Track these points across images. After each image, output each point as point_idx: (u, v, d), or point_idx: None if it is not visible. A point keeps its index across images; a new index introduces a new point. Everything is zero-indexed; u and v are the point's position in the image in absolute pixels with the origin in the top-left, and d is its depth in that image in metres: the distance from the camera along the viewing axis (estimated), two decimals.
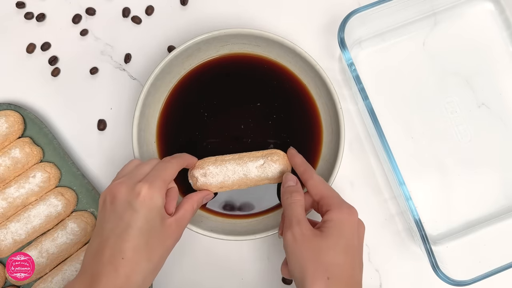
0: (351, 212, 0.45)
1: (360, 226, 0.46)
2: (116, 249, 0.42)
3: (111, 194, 0.44)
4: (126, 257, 0.41)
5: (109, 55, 0.60)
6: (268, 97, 0.56)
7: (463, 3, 0.60)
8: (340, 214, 0.45)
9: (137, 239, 0.42)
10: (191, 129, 0.55)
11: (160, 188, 0.44)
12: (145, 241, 0.42)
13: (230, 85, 0.56)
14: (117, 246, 0.42)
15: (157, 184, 0.44)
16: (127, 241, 0.42)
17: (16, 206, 0.55)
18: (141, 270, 0.42)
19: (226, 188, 0.52)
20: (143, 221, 0.43)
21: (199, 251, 0.58)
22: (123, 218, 0.43)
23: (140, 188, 0.43)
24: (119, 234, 0.42)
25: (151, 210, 0.43)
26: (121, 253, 0.41)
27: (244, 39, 0.54)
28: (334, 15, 0.60)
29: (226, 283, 0.58)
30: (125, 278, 0.41)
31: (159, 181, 0.45)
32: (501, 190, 0.58)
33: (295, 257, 0.44)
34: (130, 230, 0.42)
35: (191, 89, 0.56)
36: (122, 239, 0.42)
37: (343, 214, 0.45)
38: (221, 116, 0.56)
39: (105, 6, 0.61)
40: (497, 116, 0.59)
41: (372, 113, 0.53)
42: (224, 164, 0.51)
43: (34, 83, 0.60)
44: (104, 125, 0.59)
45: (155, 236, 0.43)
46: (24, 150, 0.56)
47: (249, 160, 0.51)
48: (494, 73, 0.60)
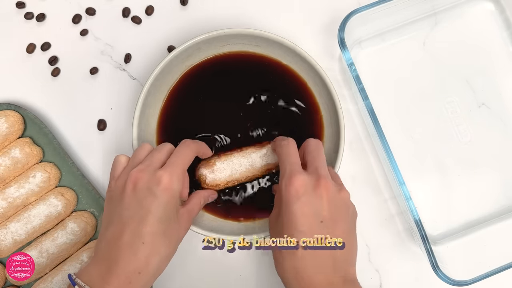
0: (287, 178, 0.45)
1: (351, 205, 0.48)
2: (136, 234, 0.42)
3: (133, 182, 0.44)
4: (146, 241, 0.42)
5: (109, 55, 0.60)
6: (269, 96, 0.56)
7: (463, 3, 0.60)
8: (281, 183, 0.46)
9: (157, 225, 0.43)
10: (192, 128, 0.55)
11: (179, 176, 0.45)
12: (164, 227, 0.43)
13: (231, 84, 0.56)
14: (137, 231, 0.42)
15: (177, 172, 0.45)
16: (148, 226, 0.42)
17: (16, 206, 0.55)
18: (160, 255, 0.43)
19: (235, 181, 0.53)
20: (163, 208, 0.43)
21: (199, 251, 0.58)
22: (143, 205, 0.43)
23: (161, 175, 0.44)
24: (139, 220, 0.43)
25: (171, 198, 0.44)
26: (141, 238, 0.42)
27: (244, 39, 0.54)
28: (334, 15, 0.60)
29: (226, 283, 0.58)
30: (145, 261, 0.42)
31: (179, 168, 0.46)
32: (501, 190, 0.58)
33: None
34: (151, 216, 0.43)
35: (191, 88, 0.56)
36: (143, 224, 0.43)
37: (283, 182, 0.45)
38: (221, 116, 0.56)
39: (105, 6, 0.61)
40: (497, 116, 0.59)
41: (372, 113, 0.53)
42: (230, 159, 0.52)
43: (34, 83, 0.60)
44: (104, 125, 0.59)
45: (172, 224, 0.45)
46: (24, 150, 0.56)
47: (252, 151, 0.53)
48: (494, 73, 0.60)
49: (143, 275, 0.42)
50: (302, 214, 0.44)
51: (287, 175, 0.45)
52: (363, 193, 0.59)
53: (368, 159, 0.59)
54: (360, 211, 0.59)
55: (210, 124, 0.55)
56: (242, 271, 0.58)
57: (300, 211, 0.44)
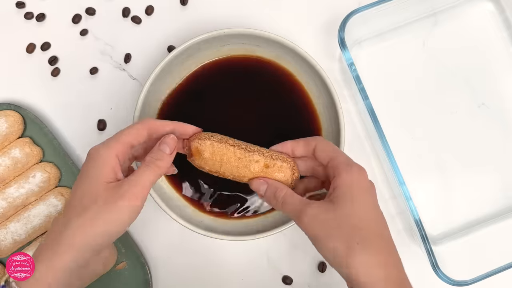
0: (360, 173, 0.44)
1: (372, 186, 0.45)
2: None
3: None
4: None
5: (109, 55, 0.60)
6: (267, 98, 0.56)
7: (463, 3, 0.60)
8: (349, 177, 0.43)
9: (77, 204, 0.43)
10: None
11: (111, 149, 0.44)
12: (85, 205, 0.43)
13: (230, 86, 0.56)
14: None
15: (110, 143, 0.44)
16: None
17: (16, 206, 0.55)
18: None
19: (216, 173, 0.48)
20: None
21: (199, 251, 0.58)
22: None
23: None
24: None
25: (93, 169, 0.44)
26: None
27: (244, 39, 0.54)
28: (334, 15, 0.60)
29: (226, 283, 0.58)
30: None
31: (114, 140, 0.45)
32: (501, 190, 0.58)
33: (317, 240, 0.42)
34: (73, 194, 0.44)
35: (191, 89, 0.56)
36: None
37: (353, 176, 0.43)
38: (220, 117, 0.56)
39: (105, 6, 0.61)
40: (497, 116, 0.59)
41: (372, 113, 0.53)
42: (228, 148, 0.48)
43: (34, 83, 0.60)
44: (104, 125, 0.59)
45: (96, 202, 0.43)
46: (24, 150, 0.56)
47: (254, 159, 0.48)
48: (494, 73, 0.60)
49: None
50: (374, 207, 0.44)
51: (356, 166, 0.44)
52: None
53: (368, 159, 0.59)
54: None
55: (210, 125, 0.55)
56: (245, 276, 0.58)
57: (373, 204, 0.44)
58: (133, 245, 0.56)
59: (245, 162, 0.48)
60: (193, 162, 0.49)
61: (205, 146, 0.47)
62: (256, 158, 0.47)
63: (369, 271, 0.40)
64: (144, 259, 0.56)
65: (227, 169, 0.48)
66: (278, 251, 0.58)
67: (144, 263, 0.56)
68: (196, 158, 0.48)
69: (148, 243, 0.58)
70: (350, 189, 0.43)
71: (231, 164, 0.47)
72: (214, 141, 0.48)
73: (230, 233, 0.52)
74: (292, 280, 0.58)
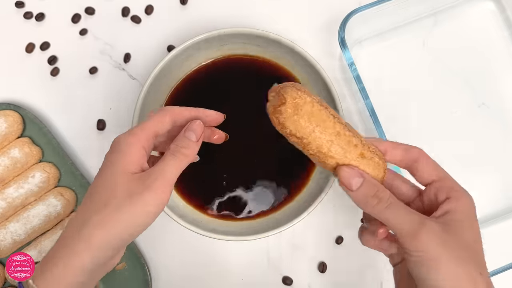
0: (472, 199, 0.40)
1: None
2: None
3: None
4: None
5: (109, 54, 0.60)
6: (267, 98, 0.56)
7: (463, 3, 0.60)
8: (467, 204, 0.40)
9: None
10: None
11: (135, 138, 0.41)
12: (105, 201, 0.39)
13: (230, 87, 0.56)
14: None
15: (134, 132, 0.41)
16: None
17: (15, 206, 0.55)
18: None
19: (300, 139, 0.39)
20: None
21: (199, 251, 0.58)
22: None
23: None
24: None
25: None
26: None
27: (244, 38, 0.54)
28: (334, 15, 0.60)
29: (226, 283, 0.58)
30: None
31: (137, 129, 0.41)
32: (501, 190, 0.58)
33: (436, 262, 0.37)
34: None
35: (191, 89, 0.56)
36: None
37: (470, 204, 0.40)
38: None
39: (105, 6, 0.61)
40: (497, 116, 0.59)
41: (373, 113, 0.53)
42: (329, 116, 0.39)
43: (33, 83, 0.60)
44: (103, 125, 0.59)
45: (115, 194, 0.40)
46: (23, 150, 0.56)
47: (353, 141, 0.39)
48: (494, 73, 0.60)
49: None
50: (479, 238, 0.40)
51: (468, 193, 0.41)
52: None
53: None
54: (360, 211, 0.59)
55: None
56: (245, 276, 0.58)
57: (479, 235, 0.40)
58: (133, 246, 0.56)
59: (342, 140, 0.39)
60: (277, 115, 0.39)
61: (305, 102, 0.38)
62: (355, 142, 0.39)
63: None
64: (144, 260, 0.56)
65: (316, 139, 0.38)
66: (278, 251, 0.58)
67: (144, 263, 0.56)
68: (285, 112, 0.38)
69: (148, 244, 0.58)
70: (469, 217, 0.39)
71: (325, 137, 0.38)
72: (315, 100, 0.38)
73: (230, 233, 0.52)
74: (292, 280, 0.58)
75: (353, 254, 0.58)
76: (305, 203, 0.53)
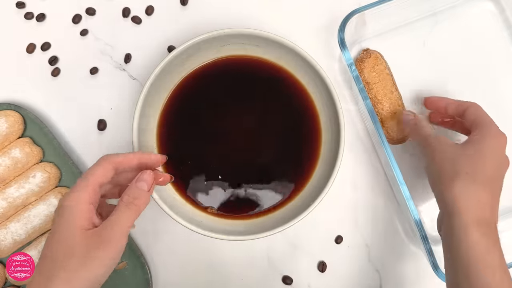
0: (499, 135, 0.48)
1: (505, 158, 0.49)
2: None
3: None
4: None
5: (109, 55, 0.60)
6: (267, 98, 0.56)
7: (463, 3, 0.60)
8: (486, 133, 0.48)
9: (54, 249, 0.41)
10: (192, 129, 0.55)
11: (82, 193, 0.42)
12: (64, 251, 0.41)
13: (230, 87, 0.56)
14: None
15: (79, 188, 0.42)
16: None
17: (16, 206, 0.55)
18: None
19: (370, 84, 0.57)
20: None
21: (199, 251, 0.58)
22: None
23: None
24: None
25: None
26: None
27: (244, 39, 0.54)
28: (334, 15, 0.60)
29: (226, 283, 0.58)
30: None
31: (82, 184, 0.42)
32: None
33: (434, 163, 0.49)
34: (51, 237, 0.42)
35: (192, 89, 0.56)
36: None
37: (490, 133, 0.48)
38: (221, 116, 0.56)
39: (105, 6, 0.61)
40: (497, 116, 0.59)
41: (372, 113, 0.53)
42: (393, 82, 0.58)
43: (34, 83, 0.60)
44: (104, 125, 0.59)
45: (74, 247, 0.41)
46: (24, 150, 0.56)
47: (397, 103, 0.58)
48: (494, 73, 0.60)
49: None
50: (501, 160, 0.49)
51: (497, 129, 0.49)
52: (363, 193, 0.59)
53: (368, 159, 0.59)
54: (360, 211, 0.59)
55: (210, 124, 0.56)
56: (244, 276, 0.58)
57: (500, 157, 0.49)
58: (133, 245, 0.56)
59: (391, 98, 0.57)
60: (361, 64, 0.56)
61: (381, 64, 0.57)
62: (398, 102, 0.58)
63: (466, 200, 0.45)
64: (144, 259, 0.56)
65: (377, 88, 0.57)
66: (278, 251, 0.58)
67: (144, 263, 0.56)
68: (367, 63, 0.56)
69: (148, 243, 0.58)
70: (483, 142, 0.47)
71: (382, 90, 0.57)
72: (386, 67, 0.57)
73: (230, 233, 0.52)
74: (292, 280, 0.58)
75: (353, 254, 0.58)
76: (305, 202, 0.53)
